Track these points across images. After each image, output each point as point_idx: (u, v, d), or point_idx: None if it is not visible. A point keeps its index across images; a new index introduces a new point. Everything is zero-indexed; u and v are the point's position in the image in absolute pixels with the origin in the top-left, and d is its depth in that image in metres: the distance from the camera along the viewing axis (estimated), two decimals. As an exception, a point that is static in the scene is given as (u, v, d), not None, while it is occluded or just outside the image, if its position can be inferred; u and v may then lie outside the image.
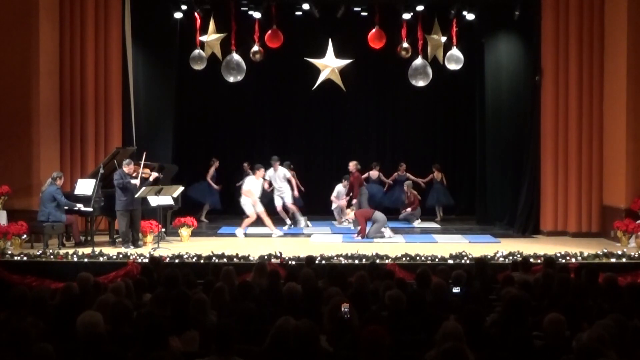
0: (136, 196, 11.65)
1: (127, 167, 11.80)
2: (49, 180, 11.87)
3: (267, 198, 14.71)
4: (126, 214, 11.73)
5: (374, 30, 14.72)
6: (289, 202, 14.90)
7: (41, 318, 5.73)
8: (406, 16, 14.47)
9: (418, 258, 10.64)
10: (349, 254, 10.74)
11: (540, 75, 13.90)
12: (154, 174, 12.47)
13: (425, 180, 16.54)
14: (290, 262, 10.39)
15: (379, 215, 13.47)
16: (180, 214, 13.55)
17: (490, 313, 6.27)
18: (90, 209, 12.00)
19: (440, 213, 16.42)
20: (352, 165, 15.01)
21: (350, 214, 13.99)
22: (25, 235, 11.95)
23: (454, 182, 17.25)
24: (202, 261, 10.51)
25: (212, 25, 14.71)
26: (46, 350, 4.46)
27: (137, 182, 11.77)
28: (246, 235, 13.69)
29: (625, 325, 5.06)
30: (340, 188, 15.33)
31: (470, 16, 14.39)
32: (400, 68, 15.29)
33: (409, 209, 15.48)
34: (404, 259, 10.64)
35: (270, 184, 14.78)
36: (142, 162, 12.10)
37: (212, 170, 15.99)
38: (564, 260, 10.52)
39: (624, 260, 10.83)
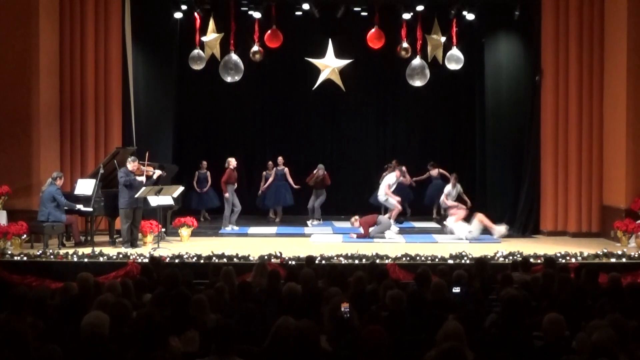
0: (136, 196, 11.66)
1: (132, 165, 11.81)
2: (49, 180, 11.87)
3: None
4: (130, 212, 11.73)
5: (373, 30, 14.74)
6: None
7: (41, 318, 5.72)
8: (406, 16, 14.50)
9: (418, 258, 10.63)
10: (349, 254, 10.74)
11: (540, 75, 13.91)
12: (158, 172, 12.49)
13: (421, 178, 16.44)
14: (290, 262, 10.39)
15: (382, 219, 13.60)
16: (180, 214, 13.57)
17: (490, 313, 6.27)
18: (90, 209, 12.00)
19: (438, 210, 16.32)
20: None
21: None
22: (25, 235, 11.94)
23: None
24: (202, 261, 10.51)
25: (211, 25, 14.72)
26: (54, 352, 4.46)
27: (143, 179, 11.80)
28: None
29: (625, 326, 5.06)
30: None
31: (470, 16, 14.41)
32: (400, 68, 15.32)
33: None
34: (404, 259, 10.63)
35: None
36: (145, 162, 12.13)
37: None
38: (564, 260, 10.52)
39: (624, 260, 10.83)
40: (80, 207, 11.99)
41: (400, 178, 14.97)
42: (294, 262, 10.34)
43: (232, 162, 14.64)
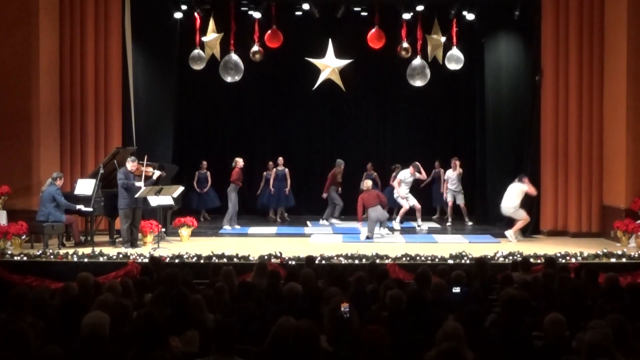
0: (136, 196, 11.66)
1: (132, 165, 11.82)
2: (49, 181, 11.86)
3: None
4: (129, 212, 11.73)
5: (373, 30, 14.75)
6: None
7: (41, 318, 5.72)
8: (406, 16, 14.51)
9: (418, 258, 10.64)
10: (349, 254, 10.74)
11: (540, 75, 13.90)
12: (157, 172, 12.49)
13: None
14: (290, 262, 10.39)
15: (372, 212, 13.29)
16: (181, 214, 13.57)
17: (490, 313, 6.27)
18: (90, 209, 12.00)
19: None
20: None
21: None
22: (25, 235, 11.95)
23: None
24: (202, 261, 10.51)
25: (211, 25, 14.72)
26: (55, 352, 4.47)
27: (141, 184, 11.79)
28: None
29: (624, 326, 5.06)
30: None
31: (470, 16, 14.42)
32: (400, 68, 15.33)
33: None
34: (404, 259, 10.64)
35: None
36: (145, 162, 12.13)
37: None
38: (564, 260, 10.52)
39: (624, 260, 10.84)
40: (80, 207, 11.98)
41: (416, 175, 14.90)
42: (294, 262, 10.34)
43: (240, 162, 14.67)
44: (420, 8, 14.31)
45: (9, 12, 12.70)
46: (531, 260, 9.85)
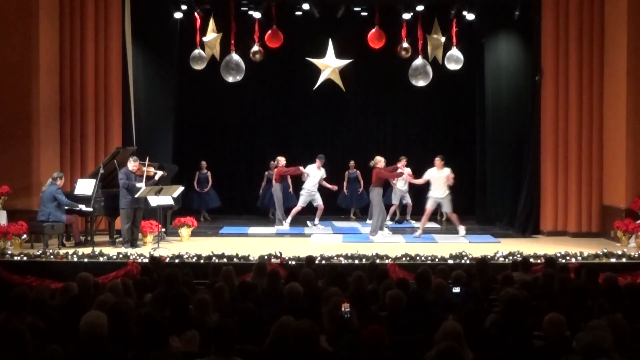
0: (136, 196, 11.66)
1: (133, 165, 11.82)
2: (49, 180, 11.87)
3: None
4: (130, 213, 11.73)
5: (373, 30, 14.75)
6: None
7: (41, 318, 5.72)
8: (406, 16, 14.52)
9: (418, 258, 10.64)
10: (349, 254, 10.74)
11: (540, 75, 13.90)
12: (159, 172, 12.50)
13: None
14: (290, 262, 10.39)
15: (376, 196, 13.47)
16: (181, 214, 13.57)
17: (490, 313, 6.27)
18: (91, 209, 12.00)
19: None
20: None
21: None
22: (25, 235, 11.95)
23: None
24: (202, 261, 10.51)
25: (212, 25, 14.73)
26: (56, 352, 4.46)
27: (142, 185, 11.79)
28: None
29: (622, 326, 5.06)
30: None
31: (470, 16, 14.42)
32: (400, 68, 15.33)
33: None
34: (404, 259, 10.64)
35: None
36: (146, 162, 12.14)
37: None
38: (564, 260, 10.52)
39: (624, 260, 10.83)
40: (82, 207, 11.97)
41: (321, 169, 14.88)
42: (294, 262, 10.34)
43: (282, 160, 14.71)
44: (420, 8, 14.32)
45: (9, 12, 12.69)
46: (531, 260, 9.85)
